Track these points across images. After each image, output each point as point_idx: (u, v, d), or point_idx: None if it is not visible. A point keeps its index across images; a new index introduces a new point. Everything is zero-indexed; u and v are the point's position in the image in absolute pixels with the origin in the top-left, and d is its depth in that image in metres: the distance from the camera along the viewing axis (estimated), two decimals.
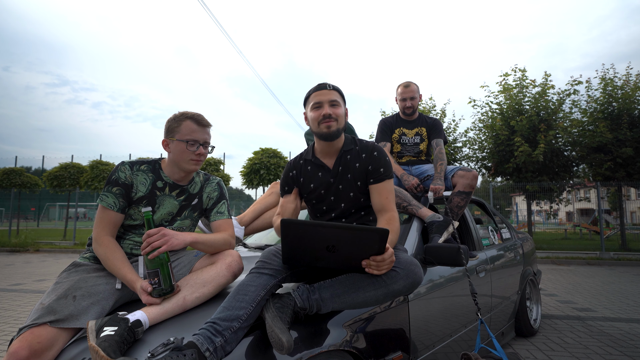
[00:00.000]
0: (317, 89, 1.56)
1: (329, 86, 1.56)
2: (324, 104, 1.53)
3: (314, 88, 1.58)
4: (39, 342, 1.12)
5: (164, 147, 1.52)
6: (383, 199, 1.53)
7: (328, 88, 1.55)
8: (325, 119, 1.51)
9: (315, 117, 1.54)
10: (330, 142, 1.57)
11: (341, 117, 1.55)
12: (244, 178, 12.18)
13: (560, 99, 9.78)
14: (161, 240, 1.27)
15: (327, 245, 1.19)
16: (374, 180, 1.55)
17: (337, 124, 1.53)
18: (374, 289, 1.26)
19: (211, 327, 1.08)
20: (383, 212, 1.53)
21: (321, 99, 1.53)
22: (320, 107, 1.53)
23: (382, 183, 1.55)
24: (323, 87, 1.56)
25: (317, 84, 1.60)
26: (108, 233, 1.42)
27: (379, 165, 1.56)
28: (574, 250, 9.63)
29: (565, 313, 3.87)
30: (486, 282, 2.36)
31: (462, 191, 2.28)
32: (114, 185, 1.44)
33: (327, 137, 1.54)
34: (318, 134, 1.57)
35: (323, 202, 1.64)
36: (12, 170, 13.75)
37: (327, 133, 1.52)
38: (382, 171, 1.56)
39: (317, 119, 1.53)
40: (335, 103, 1.54)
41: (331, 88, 1.56)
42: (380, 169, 1.56)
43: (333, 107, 1.53)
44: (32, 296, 4.66)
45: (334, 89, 1.56)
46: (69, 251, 10.51)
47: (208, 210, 1.64)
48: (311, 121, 1.57)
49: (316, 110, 1.54)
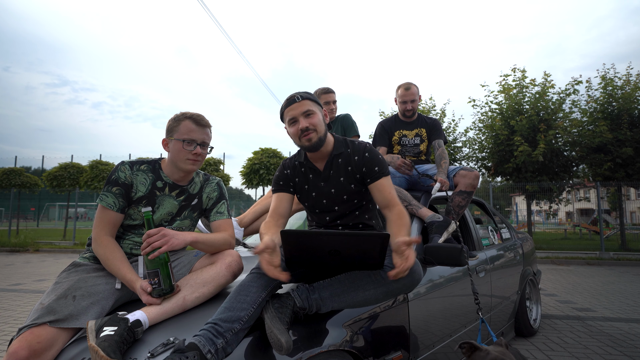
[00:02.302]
0: (287, 104, 1.53)
1: (298, 97, 1.52)
2: (299, 117, 1.50)
3: (284, 104, 1.55)
4: (38, 342, 1.12)
5: (164, 147, 1.53)
6: (386, 194, 1.52)
7: (297, 100, 1.52)
8: (303, 133, 1.49)
9: (294, 132, 1.52)
10: (316, 151, 1.56)
11: (319, 124, 1.52)
12: (243, 178, 12.18)
13: (560, 99, 9.78)
14: (161, 241, 1.27)
15: (330, 250, 1.20)
16: (371, 179, 1.55)
17: (317, 133, 1.50)
18: (373, 287, 1.26)
19: (212, 328, 1.08)
20: (390, 207, 1.50)
21: (294, 113, 1.51)
22: (296, 121, 1.51)
23: (380, 180, 1.54)
24: (292, 101, 1.52)
25: (286, 98, 1.56)
26: (108, 233, 1.42)
27: (372, 164, 1.55)
28: (574, 250, 9.62)
29: (565, 313, 3.87)
30: (486, 282, 2.36)
31: (464, 191, 2.28)
32: (113, 185, 1.43)
33: (311, 149, 1.53)
34: (302, 147, 1.57)
35: (317, 204, 1.63)
36: (12, 170, 13.74)
37: (309, 145, 1.51)
38: (377, 170, 1.55)
39: (297, 134, 1.51)
40: (310, 113, 1.51)
41: (301, 99, 1.52)
42: (374, 168, 1.55)
43: (308, 117, 1.50)
44: (32, 296, 4.65)
45: (304, 98, 1.53)
46: (69, 251, 10.50)
47: (208, 210, 1.64)
48: (292, 137, 1.56)
49: (293, 125, 1.52)
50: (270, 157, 11.90)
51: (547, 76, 9.88)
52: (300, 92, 1.56)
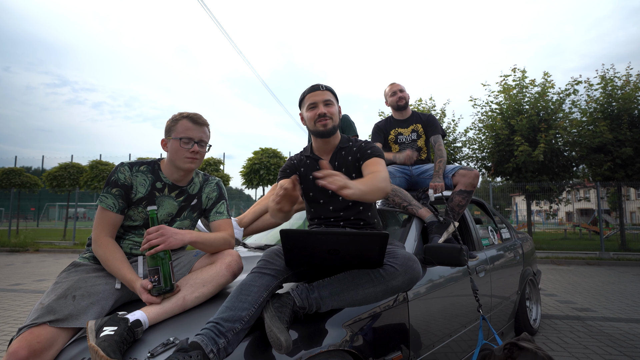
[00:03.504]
0: (311, 90, 1.66)
1: (322, 87, 1.66)
2: (319, 104, 1.62)
3: (308, 89, 1.68)
4: (38, 341, 1.12)
5: (163, 147, 1.54)
6: (372, 167, 1.55)
7: (321, 89, 1.65)
8: (320, 118, 1.61)
9: (311, 116, 1.63)
10: (327, 139, 1.67)
11: (335, 115, 1.65)
12: (243, 178, 12.18)
13: (560, 99, 9.78)
14: (159, 239, 1.27)
15: (329, 249, 1.21)
16: (363, 160, 1.62)
17: (332, 122, 1.63)
18: (372, 285, 1.26)
19: (214, 327, 1.08)
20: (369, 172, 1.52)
21: (316, 99, 1.63)
22: (316, 107, 1.63)
23: (371, 159, 1.59)
24: (317, 88, 1.65)
25: (311, 85, 1.69)
26: (107, 234, 1.42)
27: (367, 148, 1.64)
28: (574, 251, 9.62)
29: (565, 313, 3.87)
30: (486, 282, 2.36)
31: (464, 190, 2.27)
32: (113, 187, 1.44)
33: (323, 135, 1.64)
34: (315, 132, 1.66)
35: (320, 195, 1.67)
36: (12, 170, 13.73)
37: (324, 131, 1.62)
38: (369, 152, 1.62)
39: (313, 118, 1.62)
40: (329, 102, 1.64)
41: (324, 88, 1.65)
42: (367, 150, 1.63)
43: (327, 106, 1.63)
44: (32, 296, 4.65)
45: (327, 89, 1.66)
46: (69, 251, 10.50)
47: (207, 210, 1.64)
48: (307, 121, 1.66)
49: (312, 110, 1.64)
50: (270, 157, 11.91)
51: (547, 76, 9.88)
52: (323, 83, 1.68)
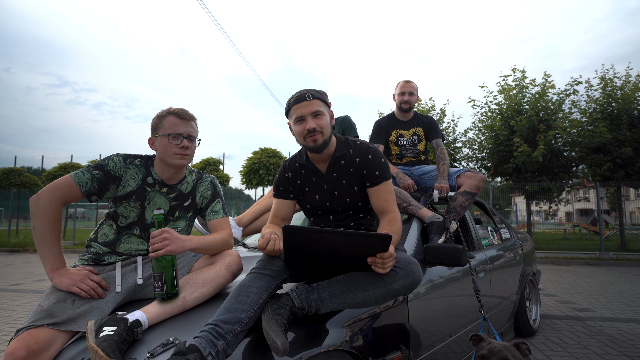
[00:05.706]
0: (297, 101, 1.46)
1: (309, 96, 1.45)
2: (306, 117, 1.45)
3: (293, 100, 1.48)
4: (36, 342, 1.11)
5: (150, 146, 1.51)
6: (382, 201, 1.52)
7: (308, 99, 1.45)
8: (310, 134, 1.44)
9: (300, 131, 1.47)
10: (319, 153, 1.53)
11: (326, 127, 1.47)
12: (243, 178, 12.18)
13: (560, 99, 9.79)
14: (160, 244, 1.25)
15: (330, 249, 1.20)
16: (371, 184, 1.53)
17: (323, 136, 1.46)
18: (373, 288, 1.25)
19: (213, 329, 1.07)
20: (384, 213, 1.51)
21: (302, 112, 1.45)
22: (304, 120, 1.46)
23: (379, 186, 1.52)
24: (303, 98, 1.45)
25: (296, 94, 1.48)
26: (60, 200, 1.33)
27: (374, 168, 1.52)
28: (573, 251, 9.63)
29: (565, 313, 3.87)
30: (485, 282, 2.36)
31: (468, 191, 2.29)
32: (96, 169, 1.40)
33: (314, 150, 1.49)
34: (305, 148, 1.53)
35: (319, 206, 1.61)
36: (12, 170, 13.71)
37: (314, 147, 1.47)
38: (377, 174, 1.51)
39: (302, 134, 1.46)
40: (318, 113, 1.46)
41: (311, 98, 1.45)
42: (375, 172, 1.51)
43: (316, 118, 1.45)
44: (32, 296, 4.65)
45: (314, 97, 1.46)
46: (68, 251, 10.48)
47: (203, 209, 1.62)
48: (297, 135, 1.51)
49: (299, 124, 1.47)
50: (269, 157, 11.90)
51: (547, 76, 9.88)
52: (310, 89, 1.49)
